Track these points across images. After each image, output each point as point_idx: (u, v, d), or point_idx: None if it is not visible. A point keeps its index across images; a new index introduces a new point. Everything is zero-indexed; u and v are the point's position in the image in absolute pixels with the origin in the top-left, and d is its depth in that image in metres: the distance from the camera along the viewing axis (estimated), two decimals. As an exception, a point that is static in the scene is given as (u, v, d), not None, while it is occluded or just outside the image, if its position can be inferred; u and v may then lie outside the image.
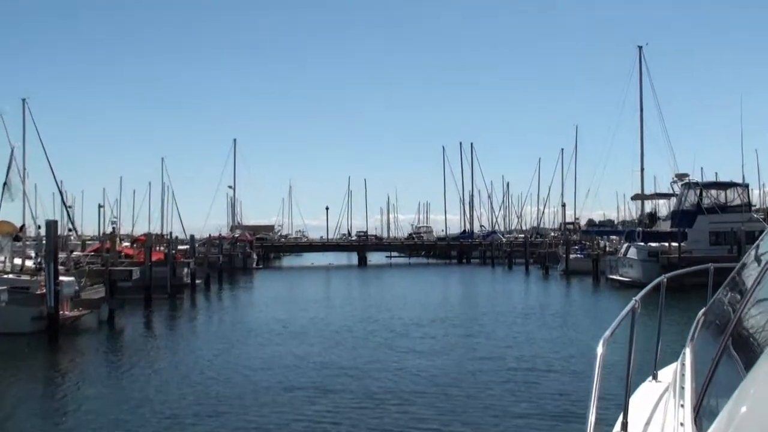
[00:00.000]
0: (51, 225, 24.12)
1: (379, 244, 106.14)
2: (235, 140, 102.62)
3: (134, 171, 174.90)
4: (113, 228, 54.56)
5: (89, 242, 51.66)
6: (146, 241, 39.57)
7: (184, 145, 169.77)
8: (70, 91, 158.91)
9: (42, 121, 58.61)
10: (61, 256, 29.17)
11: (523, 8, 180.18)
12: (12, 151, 25.66)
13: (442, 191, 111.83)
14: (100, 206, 65.31)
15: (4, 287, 24.82)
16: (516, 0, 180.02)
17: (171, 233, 64.26)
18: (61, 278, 26.48)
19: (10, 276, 26.24)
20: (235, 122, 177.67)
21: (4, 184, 26.04)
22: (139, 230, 78.03)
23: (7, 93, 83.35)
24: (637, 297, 4.11)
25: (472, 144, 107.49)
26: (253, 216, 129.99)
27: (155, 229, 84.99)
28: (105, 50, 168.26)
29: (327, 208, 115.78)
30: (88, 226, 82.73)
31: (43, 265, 31.03)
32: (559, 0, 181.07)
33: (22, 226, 57.07)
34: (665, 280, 5.44)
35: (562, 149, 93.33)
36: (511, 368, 19.66)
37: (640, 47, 58.85)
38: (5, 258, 27.98)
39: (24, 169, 58.71)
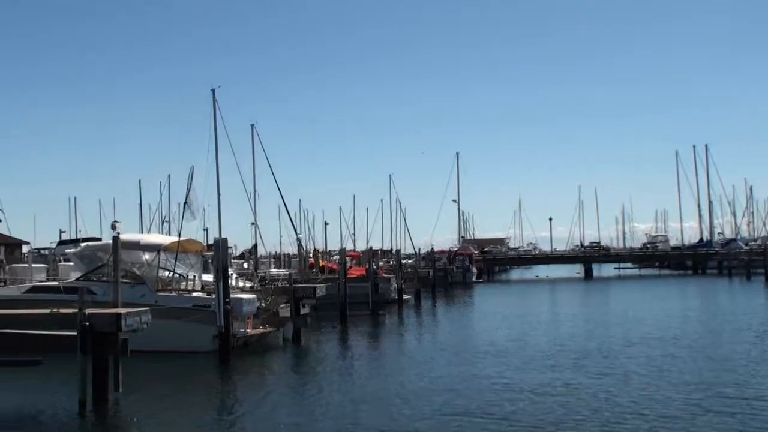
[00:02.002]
0: (219, 243, 22.99)
1: (607, 255, 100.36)
2: (457, 154, 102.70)
3: (365, 188, 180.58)
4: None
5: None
6: (340, 257, 38.26)
7: (408, 160, 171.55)
8: (294, 117, 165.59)
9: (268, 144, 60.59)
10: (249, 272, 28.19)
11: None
12: (191, 170, 24.80)
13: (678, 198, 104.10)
14: (326, 224, 67.77)
15: (175, 306, 24.19)
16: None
17: (397, 249, 64.57)
18: (242, 296, 25.48)
19: (195, 294, 25.49)
20: (457, 136, 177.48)
21: (185, 203, 25.22)
22: (374, 246, 79.40)
23: (238, 120, 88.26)
24: None
25: (706, 146, 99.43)
26: (483, 229, 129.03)
27: (386, 245, 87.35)
28: (330, 76, 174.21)
29: (550, 219, 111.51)
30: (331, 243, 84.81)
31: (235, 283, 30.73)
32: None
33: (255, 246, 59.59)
34: None
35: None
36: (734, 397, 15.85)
37: None
38: (195, 276, 27.40)
39: (255, 191, 61.08)
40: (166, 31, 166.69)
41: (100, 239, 42.21)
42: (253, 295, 26.19)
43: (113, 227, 26.25)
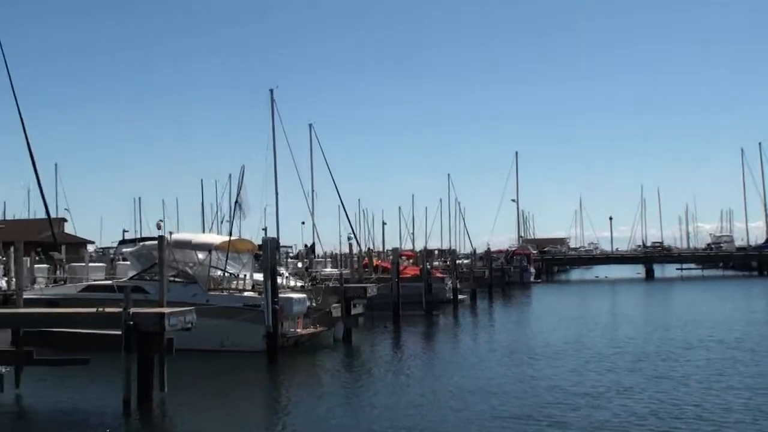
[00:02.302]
0: (267, 243, 22.86)
1: (669, 255, 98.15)
2: (516, 152, 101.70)
3: (424, 187, 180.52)
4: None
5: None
6: (393, 257, 37.93)
7: (467, 159, 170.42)
8: (349, 116, 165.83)
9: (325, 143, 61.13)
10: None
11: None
12: (242, 169, 24.77)
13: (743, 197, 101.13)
14: (383, 224, 69.31)
15: (226, 305, 24.19)
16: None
17: (452, 249, 64.54)
18: (292, 295, 25.36)
19: (246, 294, 25.42)
20: (516, 134, 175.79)
21: (236, 202, 25.19)
22: (432, 246, 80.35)
23: (295, 118, 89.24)
24: None
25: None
26: (544, 229, 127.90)
27: (445, 245, 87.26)
28: (388, 72, 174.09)
29: (611, 219, 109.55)
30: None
31: (290, 282, 30.67)
32: None
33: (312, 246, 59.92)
34: None
35: None
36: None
37: None
38: (246, 275, 27.38)
39: (312, 190, 61.61)
40: (223, 30, 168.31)
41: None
42: (303, 295, 26.03)
43: (158, 227, 26.41)
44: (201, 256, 26.13)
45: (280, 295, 24.89)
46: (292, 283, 29.76)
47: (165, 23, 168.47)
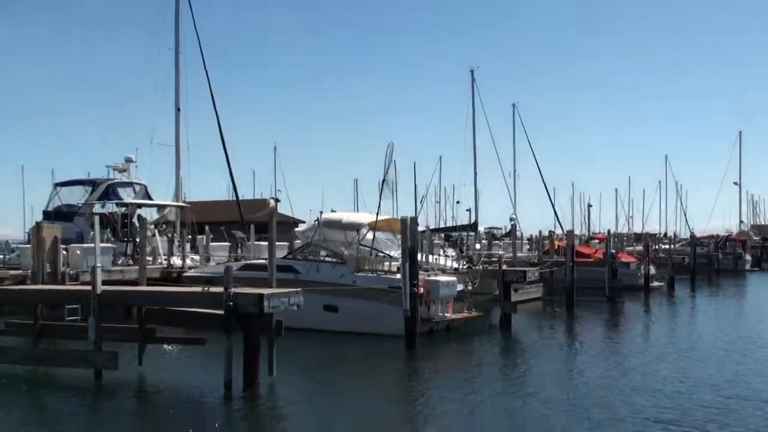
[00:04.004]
0: (408, 222, 21.58)
1: None
2: (740, 132, 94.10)
3: (641, 169, 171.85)
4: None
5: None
6: (568, 239, 35.33)
7: (687, 140, 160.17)
8: (553, 94, 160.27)
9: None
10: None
11: None
12: (388, 147, 23.69)
13: None
14: (589, 206, 68.38)
15: (371, 287, 23.24)
16: None
17: (646, 232, 60.73)
18: (440, 278, 24.06)
19: (391, 276, 24.31)
20: (739, 112, 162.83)
21: (383, 181, 24.18)
22: (649, 229, 77.85)
23: (496, 98, 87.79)
24: None
25: None
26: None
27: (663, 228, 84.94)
28: (596, 48, 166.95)
29: None
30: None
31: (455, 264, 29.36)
32: None
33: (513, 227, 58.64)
34: None
35: None
36: None
37: None
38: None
39: (514, 171, 60.45)
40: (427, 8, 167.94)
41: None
42: (453, 278, 24.61)
43: (270, 203, 25.82)
44: (349, 235, 25.37)
45: (428, 278, 23.72)
46: (449, 264, 28.38)
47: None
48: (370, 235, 25.72)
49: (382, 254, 25.68)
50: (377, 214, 25.01)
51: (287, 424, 13.79)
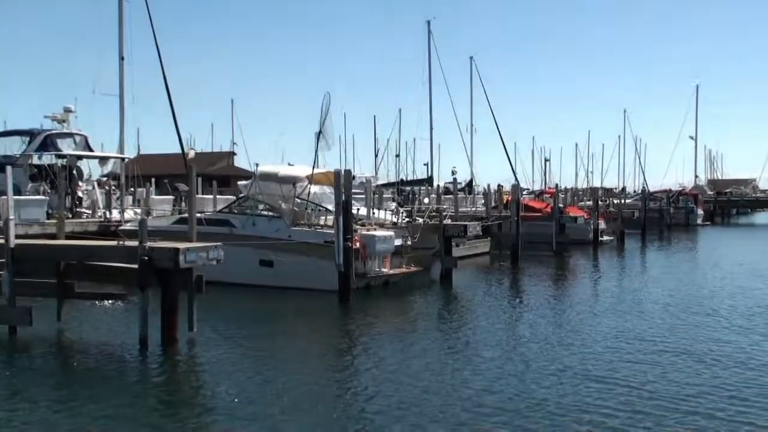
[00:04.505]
0: (339, 175, 21.08)
1: None
2: (697, 86, 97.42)
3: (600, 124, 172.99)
4: None
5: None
6: (513, 193, 35.22)
7: (642, 94, 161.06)
8: (513, 50, 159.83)
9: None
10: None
11: None
12: (325, 97, 23.02)
13: None
14: (546, 160, 67.60)
15: (306, 241, 22.88)
16: None
17: (593, 186, 61.15)
18: (375, 233, 23.72)
19: (327, 230, 23.77)
20: (699, 68, 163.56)
21: (319, 132, 23.53)
22: (607, 185, 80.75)
23: (455, 52, 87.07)
24: None
25: None
26: (736, 170, 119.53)
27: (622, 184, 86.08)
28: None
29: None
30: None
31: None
32: None
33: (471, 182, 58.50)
34: None
35: None
36: None
37: None
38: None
39: (471, 125, 59.93)
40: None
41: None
42: (391, 233, 24.26)
43: (190, 154, 25.15)
44: (285, 189, 24.85)
45: (364, 233, 23.39)
46: (388, 218, 28.02)
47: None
48: (302, 189, 25.19)
49: (320, 208, 25.21)
50: (313, 167, 24.53)
51: (203, 378, 13.42)
